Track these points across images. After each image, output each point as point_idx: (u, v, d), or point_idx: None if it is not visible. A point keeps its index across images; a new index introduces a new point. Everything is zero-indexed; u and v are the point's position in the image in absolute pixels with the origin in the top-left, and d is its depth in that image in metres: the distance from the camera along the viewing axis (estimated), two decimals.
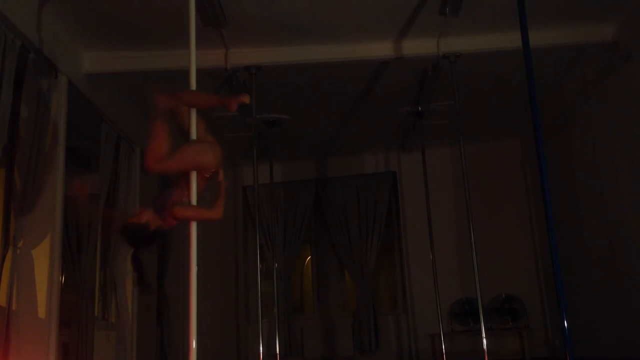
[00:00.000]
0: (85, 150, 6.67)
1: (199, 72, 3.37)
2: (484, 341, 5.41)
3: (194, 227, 3.14)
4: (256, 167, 6.20)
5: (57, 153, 5.08)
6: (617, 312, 6.22)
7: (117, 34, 5.50)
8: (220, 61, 5.82)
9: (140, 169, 6.88)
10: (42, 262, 4.83)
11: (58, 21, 5.11)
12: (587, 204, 6.86)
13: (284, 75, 6.36)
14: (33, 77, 4.71)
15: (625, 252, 5.99)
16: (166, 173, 3.12)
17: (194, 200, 3.13)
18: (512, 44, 5.10)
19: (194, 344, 2.96)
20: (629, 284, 5.90)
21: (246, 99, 3.23)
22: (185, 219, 3.12)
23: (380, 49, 5.90)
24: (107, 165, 6.14)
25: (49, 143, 4.92)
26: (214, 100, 3.36)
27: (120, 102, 6.60)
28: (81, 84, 5.62)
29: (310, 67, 6.07)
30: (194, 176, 3.15)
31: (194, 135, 3.22)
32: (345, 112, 7.58)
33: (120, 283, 6.44)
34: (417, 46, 5.86)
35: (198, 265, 3.09)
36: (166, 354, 7.72)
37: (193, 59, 3.35)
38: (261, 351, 5.95)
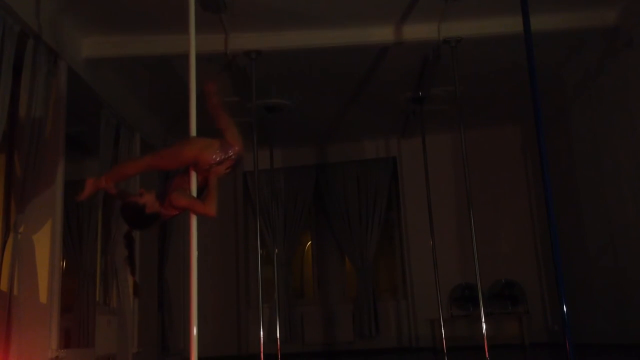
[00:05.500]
0: (85, 136, 6.67)
1: (199, 57, 3.36)
2: (484, 326, 5.43)
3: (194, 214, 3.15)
4: (256, 153, 6.19)
5: (58, 139, 5.08)
6: (616, 298, 6.24)
7: (116, 18, 5.47)
8: (220, 46, 5.80)
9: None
10: (44, 247, 4.84)
11: (57, 6, 5.08)
12: (587, 190, 6.86)
13: (284, 61, 6.33)
14: (32, 62, 4.68)
15: (625, 239, 6.00)
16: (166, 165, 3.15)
17: (193, 192, 3.13)
18: (514, 29, 5.06)
19: (194, 329, 2.98)
20: (628, 270, 5.92)
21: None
22: (180, 207, 3.10)
23: (380, 33, 5.86)
24: (108, 151, 6.14)
25: (49, 129, 4.91)
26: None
27: (121, 88, 6.59)
28: (81, 70, 5.60)
29: (310, 52, 6.04)
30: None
31: (193, 131, 3.23)
32: (346, 98, 7.56)
33: (121, 268, 6.46)
34: (417, 31, 5.83)
35: (199, 251, 3.10)
36: (167, 338, 7.78)
37: (193, 44, 3.34)
38: (261, 336, 5.98)
